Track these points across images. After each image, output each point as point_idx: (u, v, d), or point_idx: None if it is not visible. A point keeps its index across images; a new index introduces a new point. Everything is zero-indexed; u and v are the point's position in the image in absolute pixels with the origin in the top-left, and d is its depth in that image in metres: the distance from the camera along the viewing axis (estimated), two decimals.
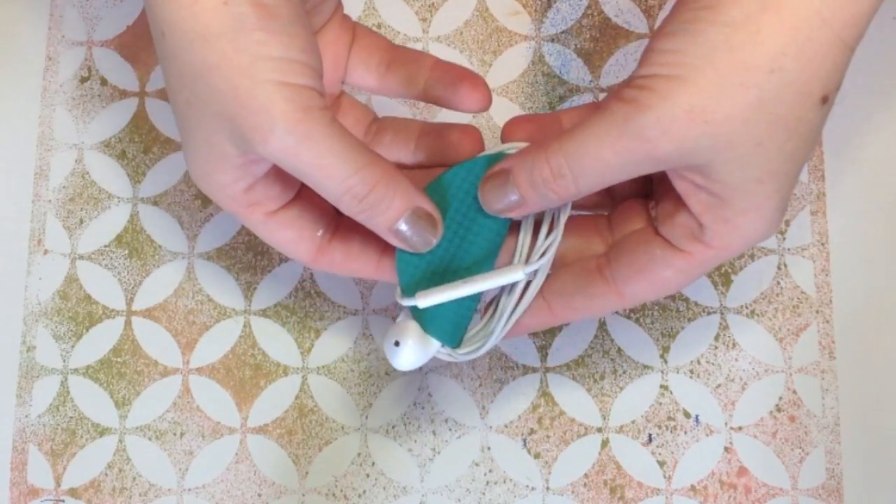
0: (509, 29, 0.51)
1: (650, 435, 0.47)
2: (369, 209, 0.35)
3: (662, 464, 0.46)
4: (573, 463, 0.46)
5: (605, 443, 0.47)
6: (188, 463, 0.47)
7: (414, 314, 0.38)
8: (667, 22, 0.33)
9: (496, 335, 0.38)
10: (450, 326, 0.38)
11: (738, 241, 0.34)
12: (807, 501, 0.46)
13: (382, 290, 0.48)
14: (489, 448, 0.47)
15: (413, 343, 0.37)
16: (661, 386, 0.47)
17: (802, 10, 0.30)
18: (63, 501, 0.47)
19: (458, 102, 0.40)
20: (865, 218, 0.48)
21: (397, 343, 0.37)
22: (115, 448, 0.47)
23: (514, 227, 0.39)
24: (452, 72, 0.40)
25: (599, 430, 0.47)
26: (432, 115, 0.50)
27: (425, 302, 0.37)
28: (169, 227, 0.49)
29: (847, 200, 0.49)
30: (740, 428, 0.47)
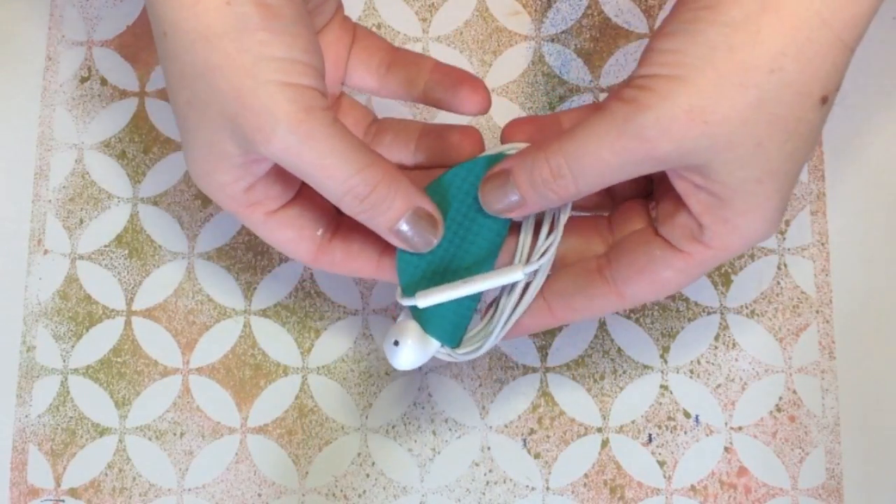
0: (509, 29, 0.51)
1: (650, 435, 0.47)
2: (370, 209, 0.35)
3: (662, 464, 0.46)
4: (573, 463, 0.46)
5: (605, 443, 0.47)
6: (188, 463, 0.47)
7: (414, 314, 0.38)
8: (667, 22, 0.33)
9: (495, 335, 0.38)
10: (449, 326, 0.38)
11: (738, 242, 0.34)
12: (807, 501, 0.46)
13: (382, 290, 0.48)
14: (489, 448, 0.47)
15: (413, 343, 0.37)
16: (661, 386, 0.47)
17: (802, 11, 0.30)
18: (63, 501, 0.47)
19: (458, 105, 0.40)
20: (865, 218, 0.48)
21: (397, 343, 0.37)
22: (115, 448, 0.47)
23: (515, 228, 0.39)
24: (452, 74, 0.40)
25: (599, 430, 0.47)
26: (432, 117, 0.50)
27: (425, 302, 0.37)
28: (169, 227, 0.49)
29: (847, 200, 0.49)
30: (740, 428, 0.47)
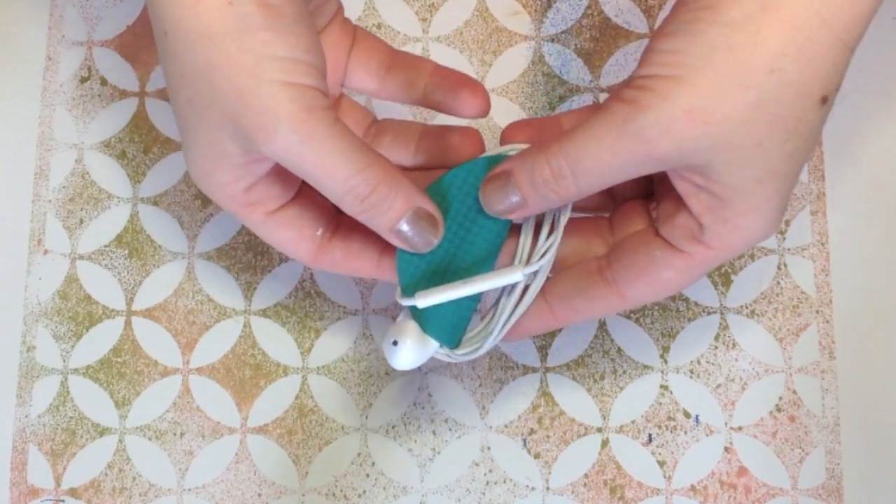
0: (509, 29, 0.51)
1: (650, 435, 0.47)
2: (371, 209, 0.35)
3: (662, 464, 0.46)
4: (573, 463, 0.46)
5: (605, 443, 0.47)
6: (188, 463, 0.47)
7: (413, 314, 0.38)
8: (667, 22, 0.33)
9: (494, 336, 0.38)
10: (448, 327, 0.38)
11: (739, 242, 0.35)
12: (807, 501, 0.46)
13: (382, 290, 0.48)
14: (489, 448, 0.47)
15: (412, 343, 0.37)
16: (661, 386, 0.47)
17: (802, 11, 0.31)
18: (63, 501, 0.47)
19: (458, 108, 0.40)
20: (865, 218, 0.48)
21: (396, 343, 0.37)
22: (115, 448, 0.47)
23: (515, 229, 0.39)
24: (452, 77, 0.40)
25: (599, 430, 0.47)
26: (431, 118, 0.50)
27: (425, 302, 0.37)
28: (169, 227, 0.49)
29: (847, 200, 0.49)
30: (740, 428, 0.47)
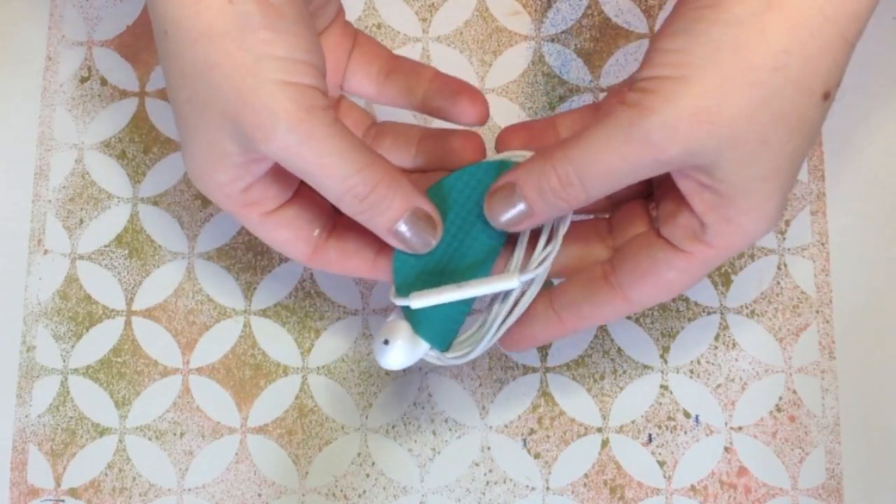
0: (509, 29, 0.51)
1: (650, 435, 0.47)
2: (370, 209, 0.35)
3: (662, 464, 0.46)
4: (573, 463, 0.46)
5: (605, 443, 0.47)
6: (188, 463, 0.47)
7: (406, 314, 0.38)
8: (668, 21, 0.33)
9: (485, 342, 0.38)
10: (440, 329, 0.38)
11: (740, 240, 0.35)
12: (807, 501, 0.46)
13: (382, 290, 0.48)
14: (489, 448, 0.47)
15: (402, 343, 0.37)
16: (661, 386, 0.47)
17: (806, 8, 0.31)
18: (63, 501, 0.47)
19: (457, 115, 0.40)
20: (865, 218, 0.48)
21: (387, 342, 0.37)
22: (115, 448, 0.47)
23: (513, 237, 0.39)
24: (452, 84, 0.40)
25: (599, 430, 0.47)
26: (431, 123, 0.50)
27: (419, 303, 0.37)
28: (169, 227, 0.49)
29: (847, 200, 0.49)
30: (740, 428, 0.47)
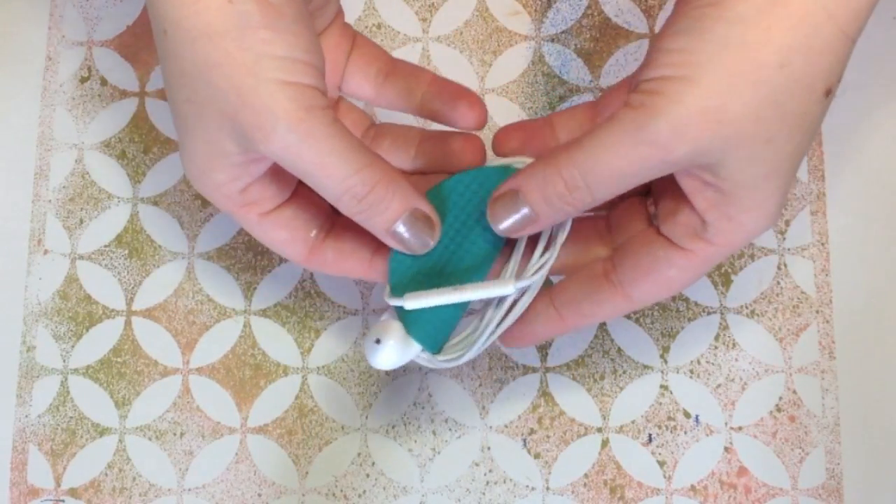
0: (509, 29, 0.51)
1: (650, 435, 0.47)
2: (368, 209, 0.35)
3: (662, 464, 0.46)
4: (573, 463, 0.46)
5: (605, 443, 0.47)
6: (188, 463, 0.47)
7: (399, 315, 0.38)
8: (671, 21, 0.33)
9: (477, 347, 0.38)
10: (433, 331, 0.38)
11: (741, 237, 0.35)
12: (807, 501, 0.46)
13: (382, 291, 0.48)
14: (489, 448, 0.47)
15: (394, 343, 0.37)
16: (661, 386, 0.47)
17: (810, 5, 0.31)
18: (63, 501, 0.47)
19: (456, 119, 0.40)
20: (865, 218, 0.48)
21: (379, 341, 0.37)
22: (115, 448, 0.47)
23: (511, 242, 0.39)
24: (450, 88, 0.40)
25: (599, 430, 0.47)
26: (429, 126, 0.50)
27: (413, 304, 0.37)
28: (169, 227, 0.49)
29: (847, 200, 0.49)
30: (740, 428, 0.47)
